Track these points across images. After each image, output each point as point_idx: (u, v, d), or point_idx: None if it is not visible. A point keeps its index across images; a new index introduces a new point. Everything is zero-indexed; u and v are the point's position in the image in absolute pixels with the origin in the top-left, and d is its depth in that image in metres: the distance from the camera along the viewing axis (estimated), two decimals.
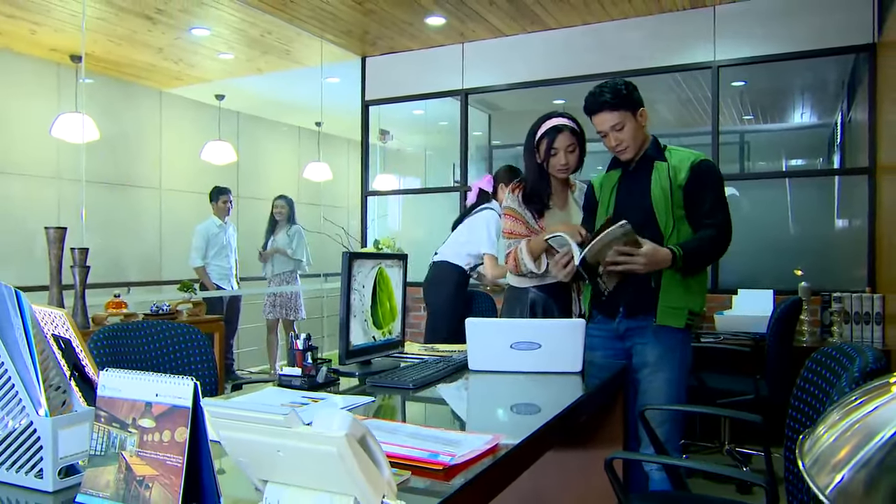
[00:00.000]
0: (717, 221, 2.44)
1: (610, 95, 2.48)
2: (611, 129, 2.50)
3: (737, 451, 3.82)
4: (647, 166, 2.54)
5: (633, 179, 2.58)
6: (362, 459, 0.86)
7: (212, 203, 6.46)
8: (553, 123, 2.79)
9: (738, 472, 1.67)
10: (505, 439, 1.42)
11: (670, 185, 2.47)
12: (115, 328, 2.20)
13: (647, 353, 2.47)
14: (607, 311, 2.56)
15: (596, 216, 2.67)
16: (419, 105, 6.30)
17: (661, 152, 2.55)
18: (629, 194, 2.57)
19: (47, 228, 3.48)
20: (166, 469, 1.01)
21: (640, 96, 2.53)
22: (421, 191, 6.45)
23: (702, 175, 2.47)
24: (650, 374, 2.46)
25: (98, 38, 5.46)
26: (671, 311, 2.43)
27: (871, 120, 4.32)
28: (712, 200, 2.47)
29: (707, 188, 2.47)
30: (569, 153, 2.77)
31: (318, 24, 5.19)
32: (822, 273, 4.64)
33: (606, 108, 2.49)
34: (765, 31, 4.64)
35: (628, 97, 2.48)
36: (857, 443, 0.68)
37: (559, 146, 2.76)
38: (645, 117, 2.53)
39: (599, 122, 2.53)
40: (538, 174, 2.84)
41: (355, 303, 2.18)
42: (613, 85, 2.50)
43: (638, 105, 2.51)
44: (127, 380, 1.07)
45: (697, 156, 2.52)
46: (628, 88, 2.50)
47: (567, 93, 5.58)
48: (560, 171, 2.81)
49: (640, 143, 2.54)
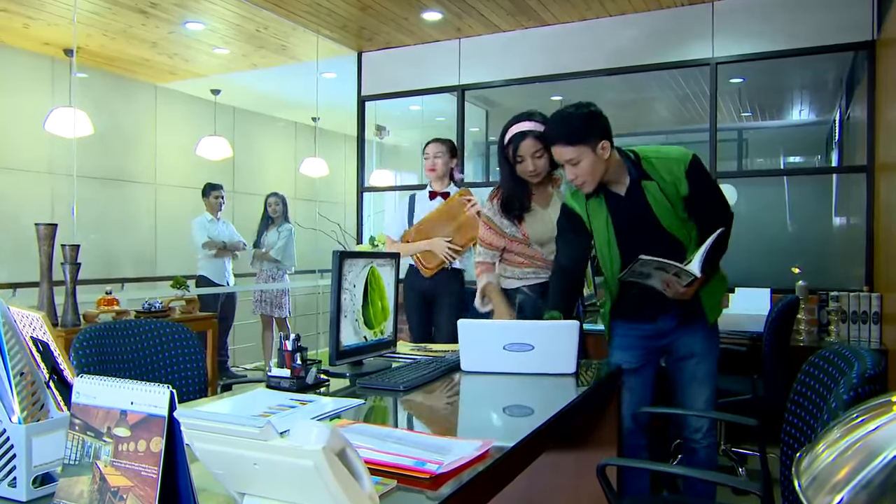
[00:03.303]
0: (724, 218, 2.43)
1: (563, 130, 2.33)
2: (567, 163, 2.37)
3: (733, 451, 3.79)
4: (636, 189, 2.41)
5: (625, 203, 2.44)
6: (341, 473, 0.83)
7: (204, 199, 6.41)
8: (516, 129, 2.69)
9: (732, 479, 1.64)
10: (496, 443, 1.39)
11: (670, 200, 2.39)
12: (102, 328, 2.16)
13: (694, 344, 2.53)
14: (645, 317, 2.53)
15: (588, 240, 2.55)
16: (416, 101, 6.26)
17: (642, 171, 2.40)
18: (630, 220, 2.44)
19: (37, 225, 3.44)
20: (141, 480, 0.98)
21: (601, 126, 2.34)
22: (417, 187, 6.40)
23: (696, 176, 2.40)
24: (696, 364, 2.54)
25: (92, 32, 5.41)
26: (715, 307, 2.53)
27: (870, 118, 4.28)
28: (713, 197, 2.45)
29: (705, 188, 2.42)
30: (536, 158, 2.69)
31: (314, 20, 5.14)
32: (820, 272, 4.61)
33: (560, 143, 2.34)
34: (763, 28, 4.60)
35: (583, 132, 2.31)
36: (857, 463, 0.65)
37: (524, 153, 2.69)
38: (607, 150, 2.34)
39: (556, 153, 2.39)
40: (512, 181, 2.78)
41: (346, 302, 2.15)
42: (569, 118, 2.34)
43: (598, 138, 2.32)
44: (102, 387, 1.04)
45: (683, 159, 2.39)
46: (585, 122, 2.33)
47: (564, 89, 5.54)
48: (530, 177, 2.74)
49: (601, 176, 2.38)
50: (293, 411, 1.68)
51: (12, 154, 5.92)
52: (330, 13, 5.01)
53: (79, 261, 3.55)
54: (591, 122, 2.34)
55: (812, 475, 0.69)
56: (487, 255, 2.93)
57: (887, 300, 3.81)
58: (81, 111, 5.04)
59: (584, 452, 2.31)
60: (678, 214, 2.40)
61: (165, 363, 2.29)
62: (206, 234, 6.25)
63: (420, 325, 3.77)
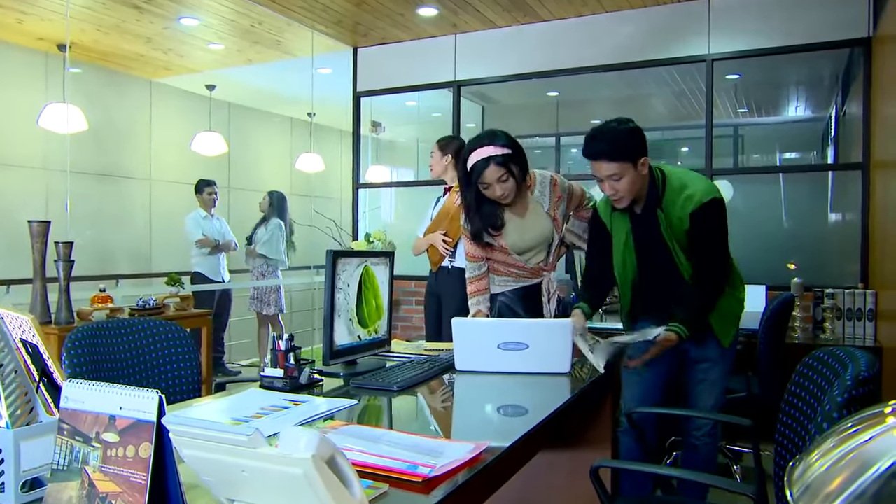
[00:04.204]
0: (713, 274, 2.44)
1: (608, 146, 2.30)
2: (608, 178, 2.34)
3: (727, 448, 3.79)
4: (650, 214, 2.45)
5: (642, 221, 2.48)
6: (330, 480, 0.82)
7: (197, 195, 6.38)
8: (478, 157, 2.61)
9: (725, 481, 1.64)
10: (491, 443, 1.39)
11: (675, 234, 2.42)
12: (94, 327, 2.15)
13: (709, 351, 2.55)
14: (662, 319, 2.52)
15: (611, 246, 2.59)
16: (412, 96, 6.24)
17: (657, 200, 2.42)
18: (645, 236, 2.49)
19: (30, 222, 3.42)
20: (130, 486, 0.97)
21: (642, 142, 2.35)
22: (413, 183, 6.39)
23: (701, 222, 2.38)
24: (708, 368, 2.56)
25: (85, 27, 5.37)
26: (728, 333, 2.56)
27: (866, 115, 4.28)
28: (711, 246, 2.42)
29: (706, 234, 2.40)
30: (501, 183, 2.62)
31: (309, 15, 5.12)
32: (815, 269, 4.62)
33: (604, 158, 2.31)
34: (760, 25, 4.59)
35: (629, 147, 2.30)
36: (850, 474, 0.64)
37: (489, 180, 2.62)
38: (646, 165, 2.36)
39: (596, 169, 2.36)
40: (477, 205, 2.72)
41: (340, 302, 2.14)
42: (614, 133, 2.31)
43: (640, 154, 2.32)
44: (90, 391, 1.03)
45: (699, 199, 2.37)
46: (629, 137, 2.32)
47: (560, 85, 5.53)
48: (500, 199, 2.69)
49: (637, 191, 2.39)
50: (286, 412, 1.67)
51: (6, 150, 5.88)
52: (325, 8, 4.99)
53: (72, 258, 3.53)
54: (635, 138, 2.33)
55: (805, 484, 0.69)
56: (474, 268, 2.87)
57: (882, 297, 3.82)
58: (75, 107, 5.01)
59: (578, 451, 2.31)
60: (680, 241, 2.44)
61: (158, 363, 2.27)
62: (200, 231, 6.22)
63: (434, 325, 3.82)
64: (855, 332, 3.96)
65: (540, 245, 2.82)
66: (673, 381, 2.68)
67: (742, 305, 2.61)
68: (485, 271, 2.89)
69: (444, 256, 3.69)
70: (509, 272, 2.87)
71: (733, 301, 2.55)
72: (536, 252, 2.82)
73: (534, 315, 2.82)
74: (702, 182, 2.43)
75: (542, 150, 7.28)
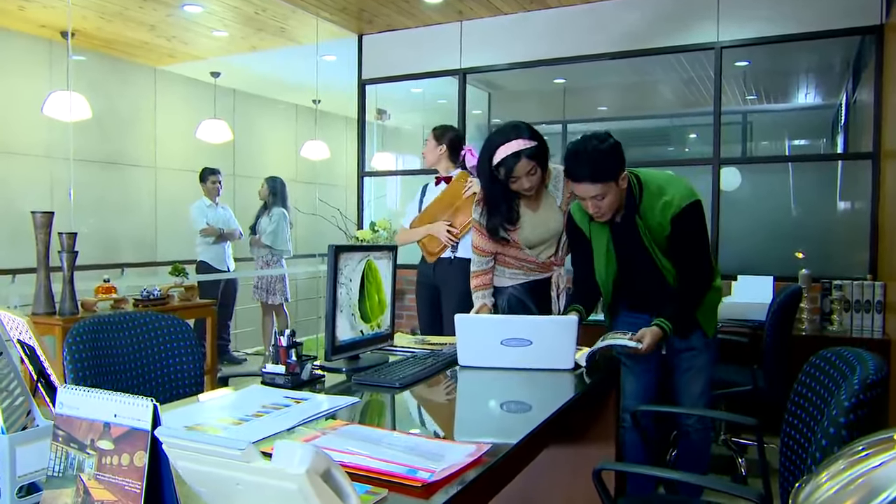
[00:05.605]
0: (697, 274, 2.48)
1: (590, 170, 2.31)
2: (591, 199, 2.37)
3: (732, 440, 3.78)
4: (629, 222, 2.48)
5: (621, 228, 2.51)
6: (325, 494, 0.80)
7: (202, 184, 6.37)
8: (509, 150, 2.60)
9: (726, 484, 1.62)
10: (494, 442, 1.37)
11: (656, 239, 2.45)
12: (96, 321, 2.14)
13: (694, 339, 2.59)
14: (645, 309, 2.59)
15: (592, 252, 2.59)
16: (417, 84, 6.19)
17: (635, 208, 2.44)
18: (625, 244, 2.52)
19: (34, 213, 3.41)
20: (125, 495, 0.96)
21: (622, 157, 2.36)
22: (418, 171, 6.36)
23: (681, 226, 2.42)
24: (693, 356, 2.60)
25: (88, 14, 5.34)
26: (711, 323, 2.60)
27: (877, 103, 4.22)
28: (693, 249, 2.46)
29: (687, 237, 2.44)
30: (531, 176, 2.64)
31: (314, 2, 5.07)
32: (823, 259, 4.57)
33: (586, 181, 2.33)
34: (770, 12, 4.52)
35: (610, 167, 2.32)
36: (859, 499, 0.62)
37: (519, 174, 2.62)
38: (626, 179, 2.38)
39: (579, 190, 2.38)
40: (496, 205, 2.72)
41: (342, 297, 2.12)
42: (595, 154, 2.31)
43: (620, 171, 2.35)
44: (86, 398, 1.01)
45: (677, 204, 2.39)
46: (611, 155, 2.33)
47: (567, 72, 5.48)
48: (525, 192, 2.70)
49: (618, 206, 2.42)
50: (287, 410, 1.66)
51: (10, 138, 5.88)
52: None
53: (76, 249, 3.52)
54: (615, 156, 2.35)
55: None
56: (482, 262, 2.89)
57: (891, 289, 3.78)
58: (79, 94, 4.99)
59: (581, 448, 2.30)
60: (661, 246, 2.47)
61: (161, 357, 2.26)
62: (205, 220, 6.21)
63: (429, 317, 3.76)
64: (863, 324, 3.93)
65: (550, 239, 2.82)
66: (666, 375, 2.70)
67: (720, 295, 2.65)
68: (492, 266, 2.89)
69: (447, 247, 3.64)
70: (520, 266, 2.88)
71: (713, 293, 2.59)
72: (547, 246, 2.83)
73: (543, 309, 2.82)
74: (679, 185, 2.44)
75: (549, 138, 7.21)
